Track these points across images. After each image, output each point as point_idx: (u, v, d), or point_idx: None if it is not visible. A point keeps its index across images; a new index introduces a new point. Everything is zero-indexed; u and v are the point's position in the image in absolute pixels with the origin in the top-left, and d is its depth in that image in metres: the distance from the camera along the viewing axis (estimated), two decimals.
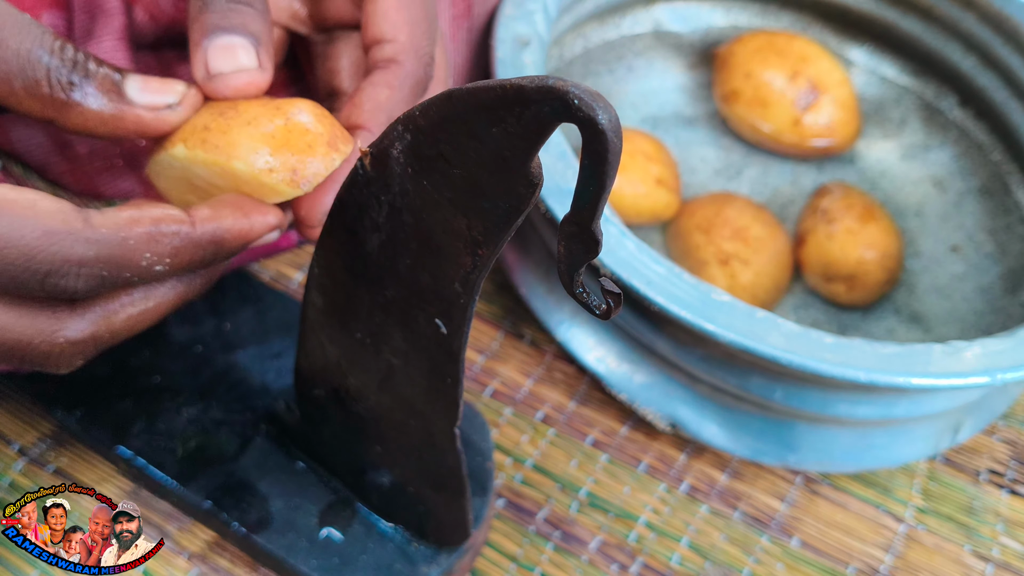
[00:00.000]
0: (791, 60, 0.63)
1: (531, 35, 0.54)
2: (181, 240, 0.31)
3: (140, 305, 0.33)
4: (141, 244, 0.30)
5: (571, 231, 0.24)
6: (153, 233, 0.31)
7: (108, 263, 0.30)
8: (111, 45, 0.41)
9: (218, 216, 0.32)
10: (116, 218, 0.30)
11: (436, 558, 0.43)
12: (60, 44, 0.32)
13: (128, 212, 0.30)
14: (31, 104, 0.31)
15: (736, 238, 0.56)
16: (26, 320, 0.31)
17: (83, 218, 0.29)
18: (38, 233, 0.29)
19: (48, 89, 0.31)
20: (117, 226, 0.30)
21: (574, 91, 0.22)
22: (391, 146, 0.28)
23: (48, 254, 0.29)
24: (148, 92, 0.33)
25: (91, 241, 0.29)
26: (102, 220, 0.30)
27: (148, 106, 0.33)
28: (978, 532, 0.51)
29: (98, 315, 0.32)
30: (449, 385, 0.34)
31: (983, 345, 0.46)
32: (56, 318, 0.31)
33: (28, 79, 0.31)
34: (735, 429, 0.50)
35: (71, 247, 0.29)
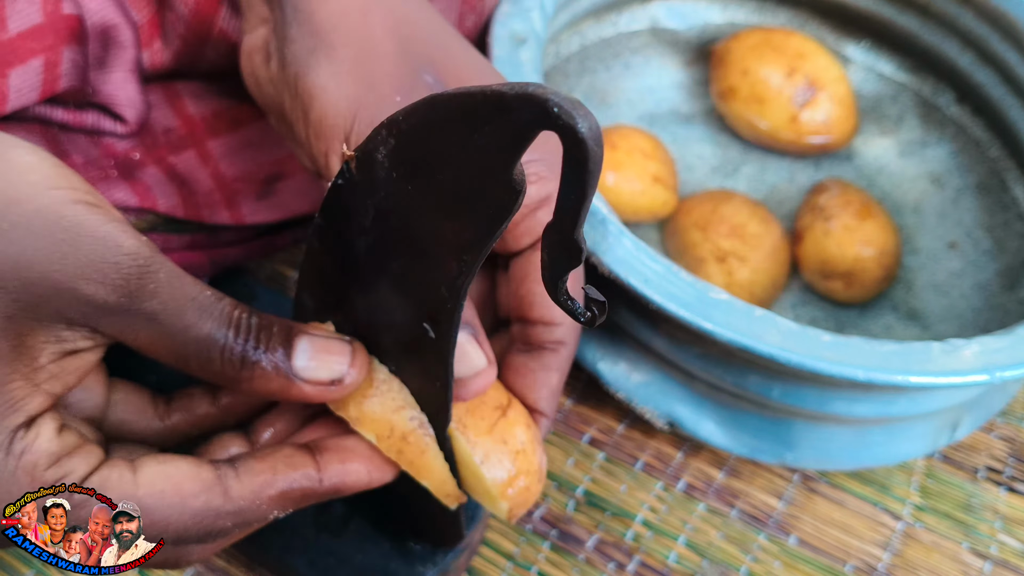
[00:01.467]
0: (788, 57, 0.63)
1: (528, 33, 0.54)
2: (306, 498, 0.34)
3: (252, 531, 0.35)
4: (273, 506, 0.33)
5: (554, 239, 0.24)
6: (284, 499, 0.33)
7: (242, 525, 0.33)
8: (121, 77, 0.42)
9: (344, 472, 0.35)
10: (253, 486, 0.33)
11: (432, 558, 0.43)
12: (238, 319, 0.32)
13: (263, 475, 0.33)
14: (200, 374, 0.33)
15: (733, 235, 0.56)
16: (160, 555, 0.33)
17: (223, 492, 0.32)
18: (186, 518, 0.31)
19: (220, 367, 0.32)
20: (253, 496, 0.33)
21: (554, 99, 0.22)
22: (375, 150, 0.28)
23: (195, 532, 0.32)
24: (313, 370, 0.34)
25: (231, 514, 0.32)
26: (240, 492, 0.32)
27: (314, 382, 0.34)
28: (976, 529, 0.51)
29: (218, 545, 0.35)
30: (439, 388, 0.34)
31: (981, 343, 0.45)
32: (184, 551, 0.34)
33: (202, 359, 0.32)
34: (733, 427, 0.50)
35: (214, 523, 0.32)
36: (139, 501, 0.31)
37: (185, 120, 0.46)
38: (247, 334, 0.33)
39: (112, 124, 0.44)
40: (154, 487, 0.31)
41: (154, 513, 0.31)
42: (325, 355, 0.34)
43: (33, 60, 0.39)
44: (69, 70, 0.40)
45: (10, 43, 0.38)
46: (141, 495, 0.31)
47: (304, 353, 0.33)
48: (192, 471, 0.32)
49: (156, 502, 0.31)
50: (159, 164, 0.46)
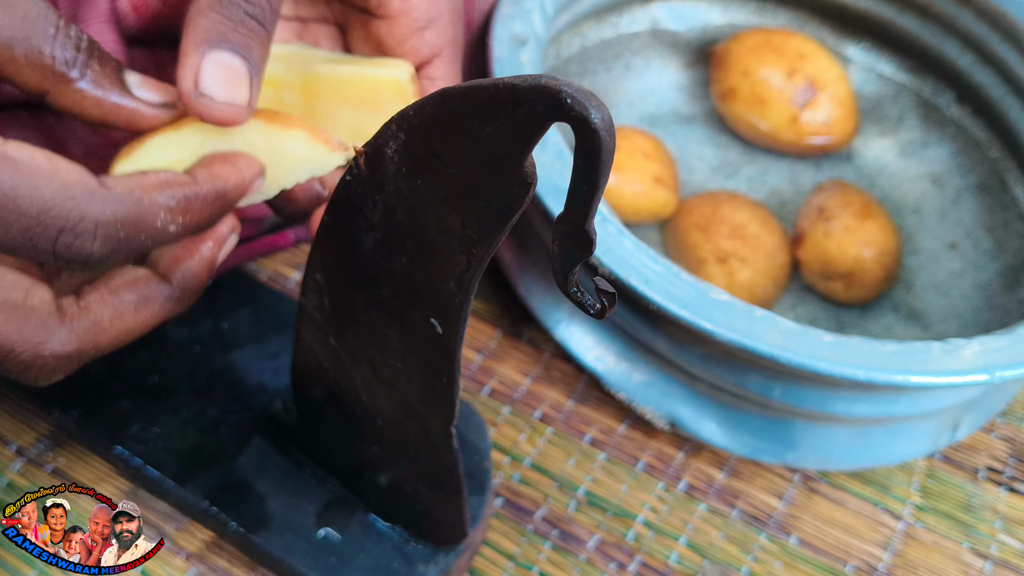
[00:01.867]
0: (788, 58, 0.63)
1: (528, 34, 0.54)
2: (189, 197, 0.31)
3: (126, 318, 0.33)
4: (154, 203, 0.30)
5: (565, 231, 0.24)
6: (164, 190, 0.30)
7: (125, 223, 0.29)
8: (97, 28, 0.40)
9: (215, 170, 0.32)
10: (127, 179, 0.30)
11: (434, 557, 0.43)
12: (65, 22, 0.31)
13: (137, 175, 0.30)
14: (28, 73, 0.30)
15: (734, 236, 0.56)
16: (12, 325, 0.30)
17: (97, 179, 0.29)
18: (55, 186, 0.28)
19: (51, 60, 0.30)
20: (130, 186, 0.30)
21: (567, 90, 0.22)
22: (385, 145, 0.28)
23: (64, 208, 0.28)
24: (146, 88, 0.33)
25: (107, 200, 0.29)
26: (114, 182, 0.30)
27: (147, 101, 0.33)
28: (976, 530, 0.51)
29: (84, 328, 0.32)
30: (445, 384, 0.34)
31: (982, 343, 0.45)
32: (44, 327, 0.31)
33: (31, 47, 0.30)
34: (733, 427, 0.50)
35: (88, 203, 0.28)
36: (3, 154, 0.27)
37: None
38: (79, 38, 0.31)
39: None
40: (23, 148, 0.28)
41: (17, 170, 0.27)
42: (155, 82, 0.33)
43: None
44: None
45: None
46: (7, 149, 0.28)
47: (134, 78, 0.33)
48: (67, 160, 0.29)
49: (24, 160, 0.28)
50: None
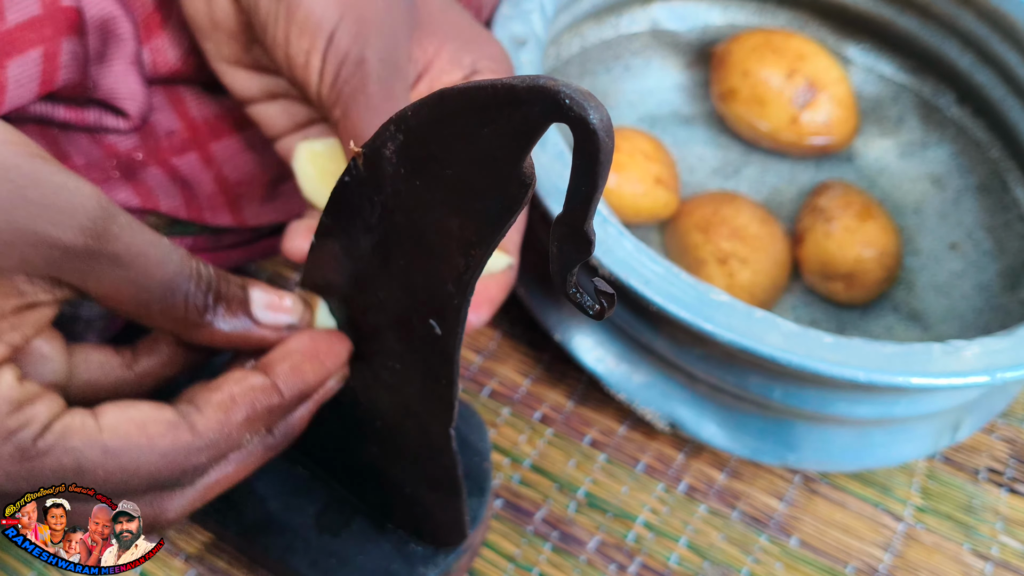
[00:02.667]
0: (788, 58, 0.63)
1: (528, 35, 0.54)
2: (273, 412, 0.33)
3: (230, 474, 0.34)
4: (242, 430, 0.33)
5: (564, 232, 0.24)
6: (252, 416, 0.33)
7: (216, 457, 0.32)
8: (122, 69, 0.42)
9: (300, 374, 0.34)
10: (216, 414, 0.32)
11: (434, 559, 0.43)
12: (196, 267, 0.32)
13: (222, 401, 0.32)
14: (163, 323, 0.33)
15: (734, 237, 0.56)
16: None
17: (189, 428, 0.31)
18: (155, 458, 0.31)
19: (183, 312, 0.32)
20: (220, 424, 0.32)
21: (565, 90, 0.22)
22: (383, 146, 0.28)
23: (169, 471, 0.31)
24: (271, 311, 0.35)
25: (202, 449, 0.31)
26: (206, 424, 0.32)
27: (272, 326, 0.34)
28: (977, 531, 0.51)
29: (196, 492, 0.34)
30: (444, 386, 0.34)
31: (982, 344, 0.45)
32: (159, 504, 0.33)
33: (166, 304, 0.32)
34: (734, 428, 0.50)
35: (186, 460, 0.31)
36: (104, 445, 0.30)
37: (188, 123, 0.46)
38: (208, 280, 0.33)
39: (115, 121, 0.43)
40: (118, 430, 0.30)
41: (121, 456, 0.30)
42: (277, 302, 0.35)
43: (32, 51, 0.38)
44: (68, 62, 0.40)
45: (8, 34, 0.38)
46: (105, 438, 0.30)
47: (259, 299, 0.34)
48: (154, 412, 0.31)
49: (122, 444, 0.30)
50: (162, 166, 0.46)
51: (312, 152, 0.40)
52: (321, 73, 0.37)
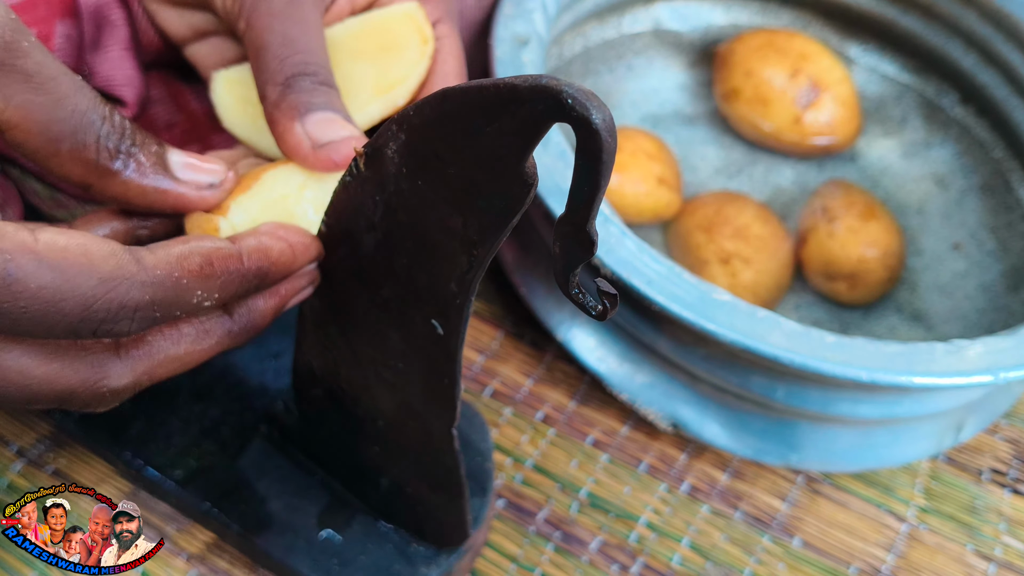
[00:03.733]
0: (791, 58, 0.63)
1: (530, 34, 0.54)
2: (230, 276, 0.31)
3: (182, 350, 0.32)
4: (193, 282, 0.30)
5: (566, 231, 0.24)
6: (206, 270, 0.30)
7: (161, 304, 0.29)
8: (117, 55, 0.41)
9: (265, 249, 0.32)
10: (168, 257, 0.29)
11: (435, 559, 0.43)
12: (110, 110, 0.31)
13: (178, 248, 0.30)
14: (72, 167, 0.31)
15: (737, 237, 0.56)
16: (70, 370, 0.30)
17: (135, 260, 0.29)
18: (94, 281, 0.28)
19: (95, 154, 0.31)
20: (170, 266, 0.29)
21: (567, 90, 0.22)
22: (386, 145, 0.28)
23: (105, 302, 0.28)
24: (191, 170, 0.33)
25: (147, 284, 0.29)
26: (155, 260, 0.29)
27: (193, 184, 0.33)
28: (980, 531, 0.51)
29: (140, 361, 0.32)
30: (446, 386, 0.34)
31: (985, 344, 0.45)
32: (100, 367, 0.31)
33: (77, 142, 0.30)
34: (736, 429, 0.50)
35: (127, 292, 0.28)
36: (38, 255, 0.27)
37: (188, 115, 0.45)
38: (123, 127, 0.31)
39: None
40: (56, 245, 0.27)
41: (56, 271, 0.27)
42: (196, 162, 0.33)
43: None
44: (63, 45, 0.40)
45: None
46: (40, 249, 0.27)
47: (177, 158, 0.33)
48: (98, 240, 0.28)
49: (58, 258, 0.27)
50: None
51: (228, 80, 0.39)
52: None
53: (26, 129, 0.29)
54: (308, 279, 0.34)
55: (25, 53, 0.28)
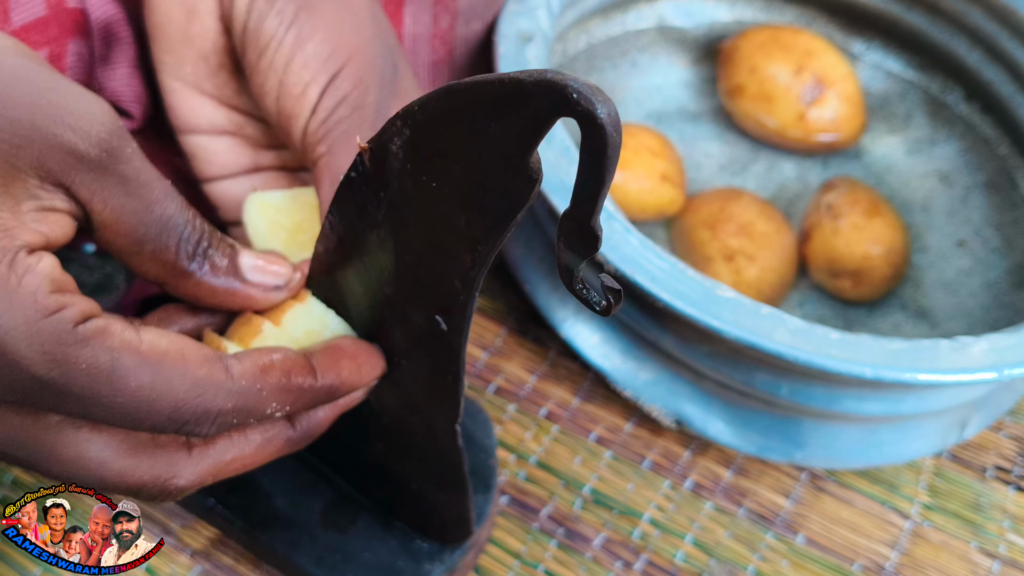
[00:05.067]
0: (796, 55, 0.63)
1: (534, 30, 0.54)
2: (304, 392, 0.32)
3: (246, 454, 0.34)
4: (271, 395, 0.31)
5: (570, 227, 0.24)
6: (284, 385, 0.32)
7: (240, 413, 0.31)
8: (126, 72, 0.42)
9: (337, 368, 0.34)
10: (253, 368, 0.31)
11: (439, 555, 0.43)
12: (193, 214, 0.32)
13: (261, 360, 0.31)
14: (151, 266, 0.32)
15: (741, 234, 0.56)
16: (144, 466, 0.32)
17: (224, 368, 0.30)
18: (187, 385, 0.29)
19: (174, 257, 0.32)
20: (255, 378, 0.31)
21: (573, 85, 0.22)
22: (390, 141, 0.28)
23: (194, 405, 0.30)
24: (260, 272, 0.34)
25: (232, 393, 0.30)
26: (241, 371, 0.31)
27: (260, 286, 0.34)
28: (985, 529, 0.51)
29: (208, 462, 0.33)
30: (450, 382, 0.34)
31: (990, 341, 0.45)
32: (172, 465, 0.32)
33: (160, 244, 0.31)
34: (740, 425, 0.50)
35: (214, 399, 0.30)
36: (141, 354, 0.29)
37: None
38: (202, 231, 0.32)
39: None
40: (157, 347, 0.29)
41: (155, 370, 0.29)
42: (265, 264, 0.34)
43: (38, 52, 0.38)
44: (75, 63, 0.40)
45: (14, 35, 0.38)
46: (144, 349, 0.29)
47: (248, 260, 0.34)
48: (194, 344, 0.30)
49: (159, 359, 0.29)
50: (166, 165, 0.46)
51: (263, 203, 0.39)
52: (315, 107, 0.37)
53: (116, 230, 0.31)
54: (366, 391, 0.36)
55: (127, 159, 0.30)
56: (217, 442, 0.33)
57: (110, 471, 0.31)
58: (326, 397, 0.34)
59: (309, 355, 0.33)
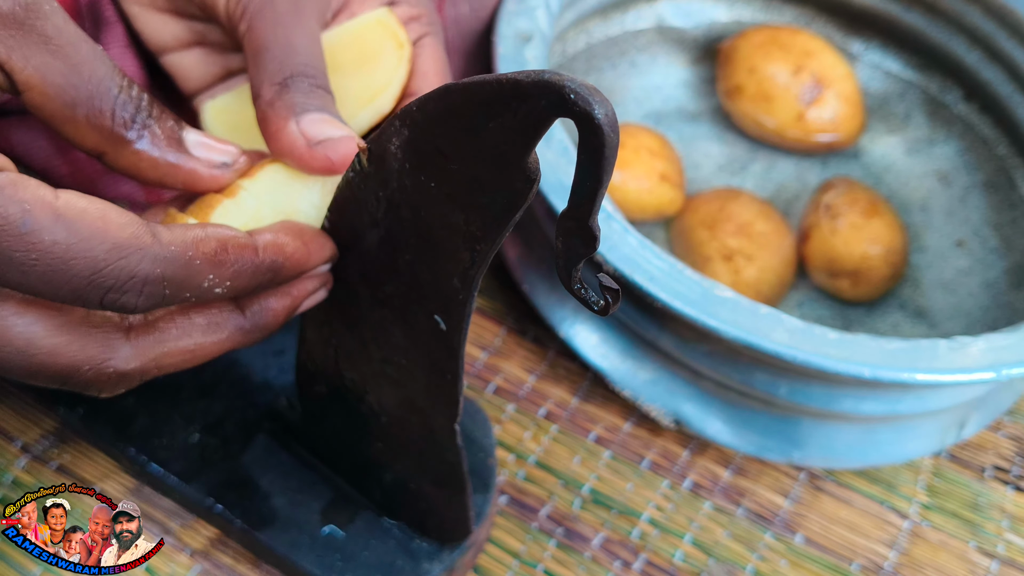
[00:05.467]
0: (795, 55, 0.63)
1: (533, 30, 0.54)
2: (244, 265, 0.31)
3: (192, 341, 0.32)
4: (206, 266, 0.29)
5: (568, 227, 0.24)
6: (220, 256, 0.30)
7: (171, 282, 0.29)
8: (118, 52, 0.41)
9: (280, 245, 0.32)
10: (184, 236, 0.29)
11: (438, 555, 0.43)
12: (128, 81, 0.31)
13: (195, 231, 0.30)
14: (87, 133, 0.31)
15: (740, 234, 0.56)
16: (76, 345, 0.30)
17: (151, 233, 0.28)
18: (107, 246, 0.27)
19: (110, 122, 0.31)
20: (185, 245, 0.29)
21: (570, 85, 0.22)
22: (388, 141, 0.28)
23: (115, 268, 0.28)
24: (205, 148, 0.33)
25: (159, 259, 0.28)
26: (170, 237, 0.29)
27: (205, 161, 0.33)
28: (983, 528, 0.51)
29: (149, 347, 0.31)
30: (449, 381, 0.34)
31: (988, 340, 0.45)
32: (107, 345, 0.30)
33: (93, 108, 0.30)
34: (739, 425, 0.50)
35: (138, 263, 0.28)
36: (55, 211, 0.27)
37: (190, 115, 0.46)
38: (139, 98, 0.31)
39: None
40: (75, 205, 0.27)
41: (71, 228, 0.27)
42: (211, 141, 0.33)
43: None
44: None
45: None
46: (60, 205, 0.27)
47: (193, 136, 0.33)
48: (117, 210, 0.28)
49: (75, 217, 0.27)
50: None
51: (216, 108, 0.39)
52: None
53: (43, 92, 0.29)
54: (320, 281, 0.34)
55: (46, 16, 0.29)
56: (158, 324, 0.31)
57: (39, 349, 0.29)
58: (270, 275, 0.32)
59: (252, 233, 0.32)
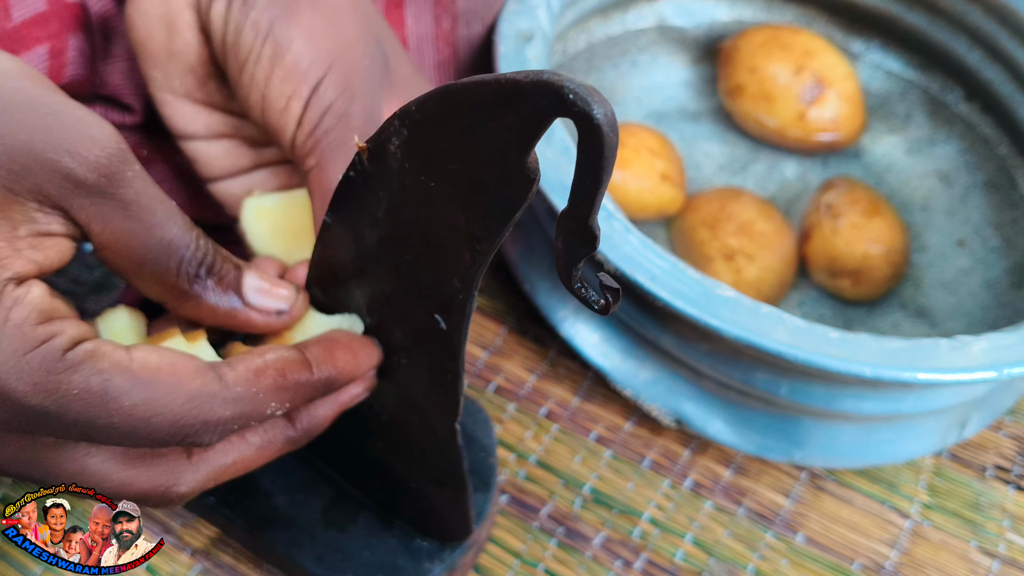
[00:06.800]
0: (796, 54, 0.63)
1: (534, 30, 0.54)
2: (301, 387, 0.32)
3: (248, 457, 0.34)
4: (269, 396, 0.31)
5: (568, 226, 0.24)
6: (280, 384, 0.32)
7: (240, 419, 0.31)
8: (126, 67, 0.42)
9: (332, 359, 0.33)
10: (247, 373, 0.31)
11: (439, 554, 0.43)
12: (196, 235, 0.32)
13: (255, 361, 0.31)
14: (152, 287, 0.32)
15: (741, 233, 0.56)
16: (145, 476, 0.32)
17: (218, 377, 0.30)
18: (182, 400, 0.29)
19: (175, 279, 0.32)
20: (249, 382, 0.31)
21: (569, 85, 0.22)
22: (388, 141, 0.28)
23: (192, 419, 0.30)
24: (263, 295, 0.34)
25: (228, 402, 0.30)
26: (235, 377, 0.31)
27: (261, 310, 0.34)
28: (984, 528, 0.51)
29: (209, 467, 0.33)
30: (449, 381, 0.34)
31: (989, 340, 0.45)
32: (173, 473, 0.32)
33: (160, 266, 0.31)
34: (740, 425, 0.50)
35: (212, 410, 0.30)
36: (133, 374, 0.29)
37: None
38: (205, 252, 0.32)
39: (120, 116, 0.43)
40: (148, 364, 0.29)
41: (148, 389, 0.29)
42: (269, 287, 0.34)
43: (38, 47, 0.38)
44: (75, 58, 0.40)
45: (15, 31, 0.38)
46: (135, 368, 0.29)
47: (252, 282, 0.34)
48: (185, 357, 0.30)
49: (151, 377, 0.29)
50: (166, 162, 0.46)
51: (259, 209, 0.39)
52: (300, 120, 0.37)
53: (116, 251, 0.31)
54: (365, 385, 0.36)
55: (128, 183, 0.30)
56: (216, 446, 0.33)
57: (111, 483, 0.31)
58: (324, 389, 0.33)
59: (303, 348, 0.33)
